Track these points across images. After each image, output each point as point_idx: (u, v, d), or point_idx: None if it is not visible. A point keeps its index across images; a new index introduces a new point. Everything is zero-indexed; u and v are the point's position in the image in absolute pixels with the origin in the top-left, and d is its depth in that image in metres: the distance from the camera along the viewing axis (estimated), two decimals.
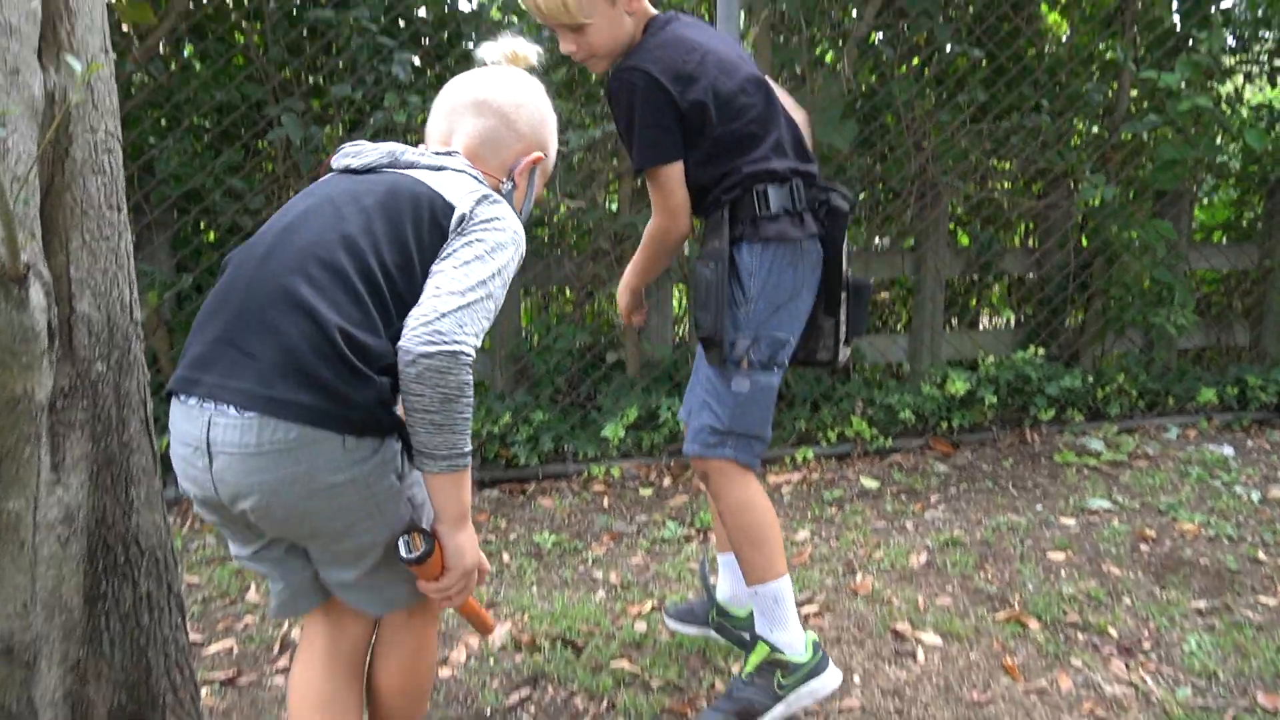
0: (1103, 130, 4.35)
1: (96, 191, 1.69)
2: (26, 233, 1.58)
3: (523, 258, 1.52)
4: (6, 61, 1.53)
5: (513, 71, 1.71)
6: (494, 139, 1.63)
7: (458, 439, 1.37)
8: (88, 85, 1.65)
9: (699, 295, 1.96)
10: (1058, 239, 4.33)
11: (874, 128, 4.02)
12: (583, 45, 1.97)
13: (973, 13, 4.03)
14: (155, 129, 3.38)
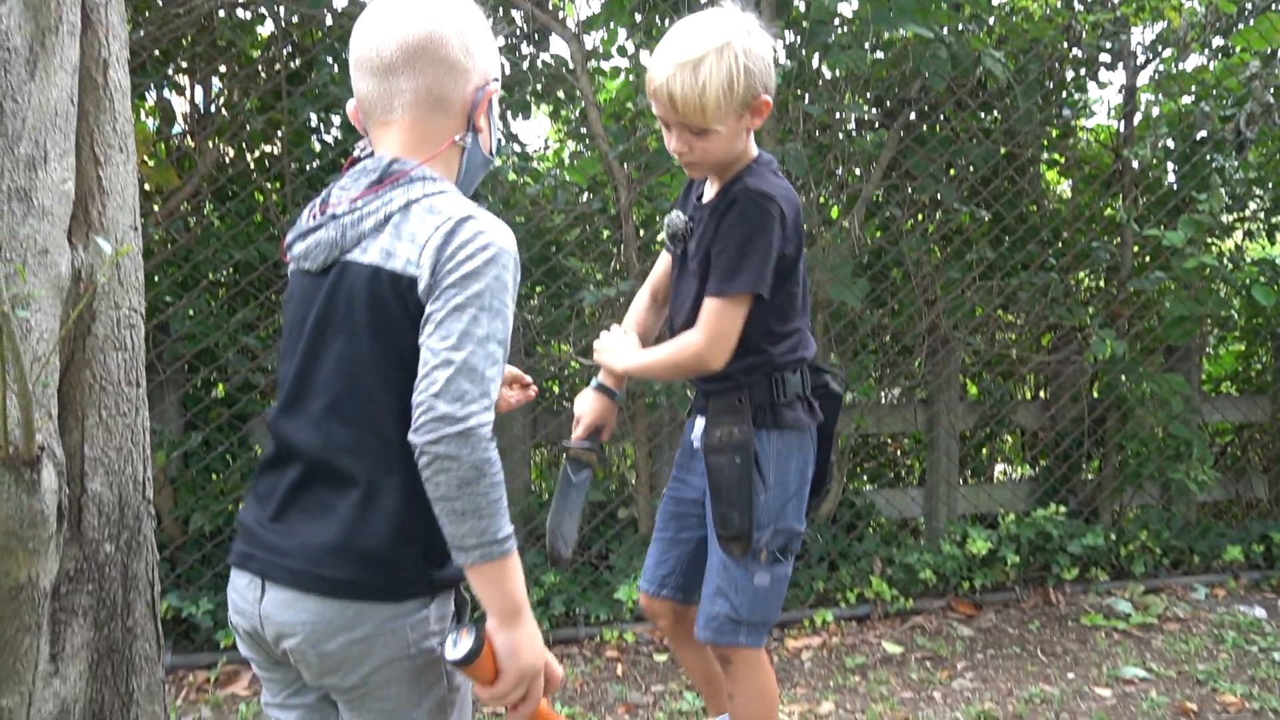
0: (1110, 286, 4.39)
1: (116, 368, 1.67)
2: (43, 412, 1.54)
3: (515, 259, 1.31)
4: (36, 242, 1.53)
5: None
6: (441, 93, 1.37)
7: (485, 524, 1.23)
8: (115, 264, 1.65)
9: (724, 492, 1.91)
10: (1070, 392, 4.31)
11: (885, 285, 4.06)
12: (698, 149, 1.85)
13: (976, 173, 4.12)
14: (173, 288, 3.40)
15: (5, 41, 1.50)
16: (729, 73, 1.76)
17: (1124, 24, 4.26)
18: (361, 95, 1.39)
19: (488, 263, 1.26)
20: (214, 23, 3.46)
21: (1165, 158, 4.36)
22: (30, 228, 1.52)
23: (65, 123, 1.58)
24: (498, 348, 1.26)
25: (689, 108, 1.78)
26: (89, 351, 1.64)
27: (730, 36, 1.78)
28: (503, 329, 1.28)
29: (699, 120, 1.79)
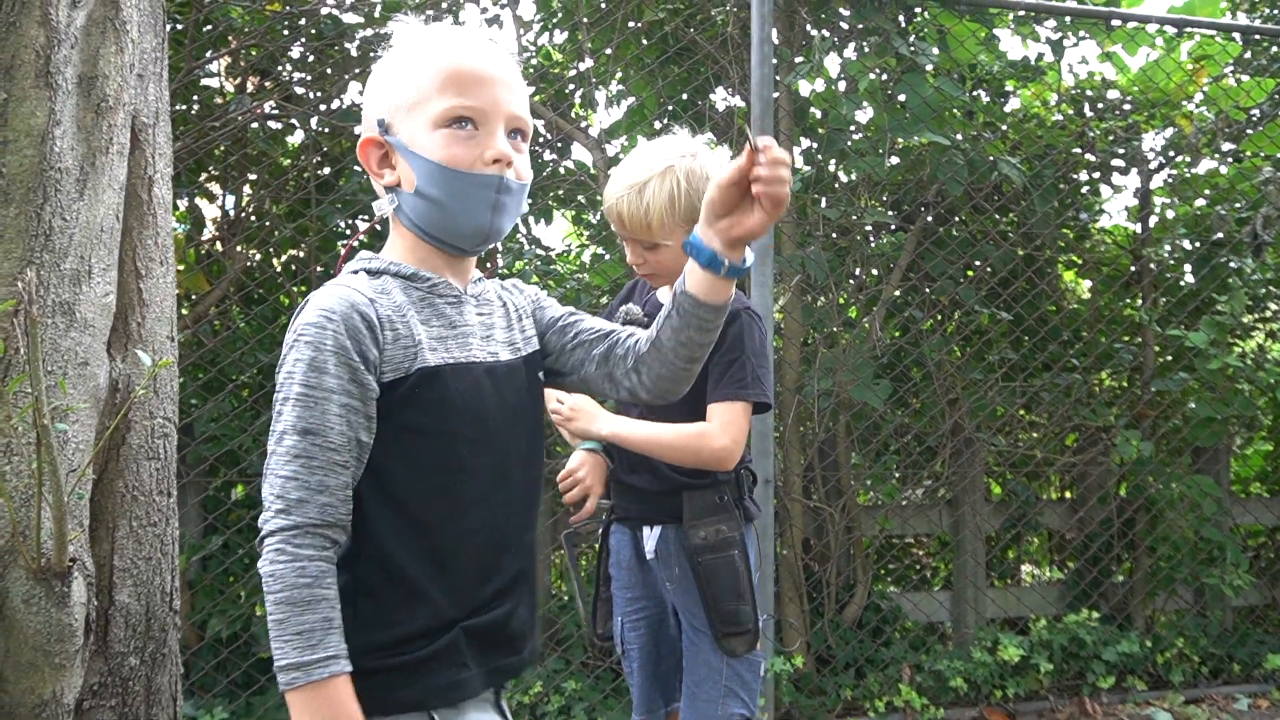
0: (1133, 386, 4.37)
1: (149, 478, 1.67)
2: (76, 523, 1.54)
3: (324, 325, 1.18)
4: (77, 354, 1.55)
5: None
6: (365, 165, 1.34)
7: (275, 646, 1.12)
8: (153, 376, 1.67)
9: (727, 591, 1.92)
10: (1097, 494, 4.26)
11: (907, 386, 4.06)
12: (651, 262, 2.00)
13: (995, 275, 4.15)
14: (198, 391, 3.43)
15: (58, 162, 1.55)
16: (670, 194, 1.93)
17: (1136, 130, 4.34)
18: None
19: (291, 345, 1.20)
20: (247, 134, 3.57)
21: (1184, 259, 4.39)
22: (72, 340, 1.55)
23: (110, 238, 1.62)
24: (297, 440, 1.15)
25: (635, 225, 1.94)
26: (123, 461, 1.64)
27: (673, 161, 1.95)
28: (304, 416, 1.16)
29: (646, 236, 1.95)
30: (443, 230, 1.28)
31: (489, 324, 1.35)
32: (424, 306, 1.27)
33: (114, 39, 1.65)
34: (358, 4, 3.79)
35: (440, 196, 1.25)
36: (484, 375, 1.29)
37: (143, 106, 1.73)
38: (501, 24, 4.14)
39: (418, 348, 1.23)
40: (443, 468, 1.25)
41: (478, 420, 1.28)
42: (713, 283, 1.27)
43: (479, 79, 1.26)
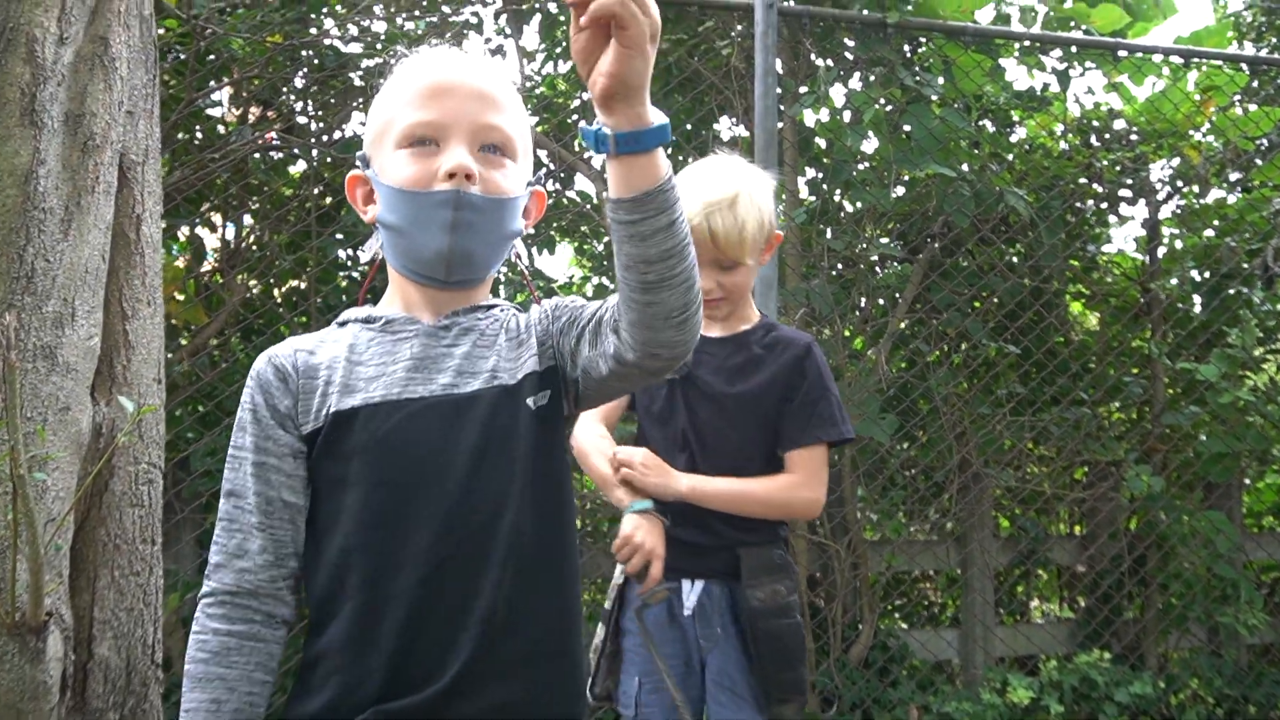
0: (1143, 420, 4.31)
1: (131, 526, 1.62)
2: (54, 575, 1.49)
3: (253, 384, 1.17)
4: (59, 400, 1.51)
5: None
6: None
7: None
8: (137, 422, 1.62)
9: (788, 655, 1.81)
10: (1107, 530, 4.18)
11: (914, 421, 4.00)
12: (727, 285, 1.87)
13: (1002, 308, 4.10)
14: (195, 425, 3.39)
15: (42, 202, 1.51)
16: (759, 209, 1.86)
17: (1143, 161, 4.30)
18: None
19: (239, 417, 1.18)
20: (248, 164, 3.54)
21: (1193, 290, 4.34)
22: (54, 385, 1.50)
23: (95, 280, 1.58)
24: (222, 502, 1.14)
25: (730, 243, 1.82)
26: (105, 509, 1.60)
27: (752, 177, 1.90)
28: (229, 478, 1.14)
29: (738, 255, 1.83)
30: (408, 259, 1.19)
31: (454, 354, 1.19)
32: (371, 346, 1.19)
33: (102, 76, 1.62)
34: (360, 35, 3.78)
35: (398, 221, 1.16)
36: (423, 412, 1.14)
37: (132, 144, 1.69)
38: (505, 54, 4.13)
39: (337, 392, 1.15)
40: (371, 521, 1.12)
41: (408, 464, 1.13)
42: (615, 168, 1.01)
43: (439, 91, 1.17)
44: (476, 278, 1.23)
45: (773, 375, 1.89)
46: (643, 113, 0.99)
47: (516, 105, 1.23)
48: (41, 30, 1.54)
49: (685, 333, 1.08)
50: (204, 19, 3.18)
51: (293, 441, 1.14)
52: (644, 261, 1.03)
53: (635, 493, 1.81)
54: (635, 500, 1.81)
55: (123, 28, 1.66)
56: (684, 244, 1.04)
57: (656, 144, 1.00)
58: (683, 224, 1.04)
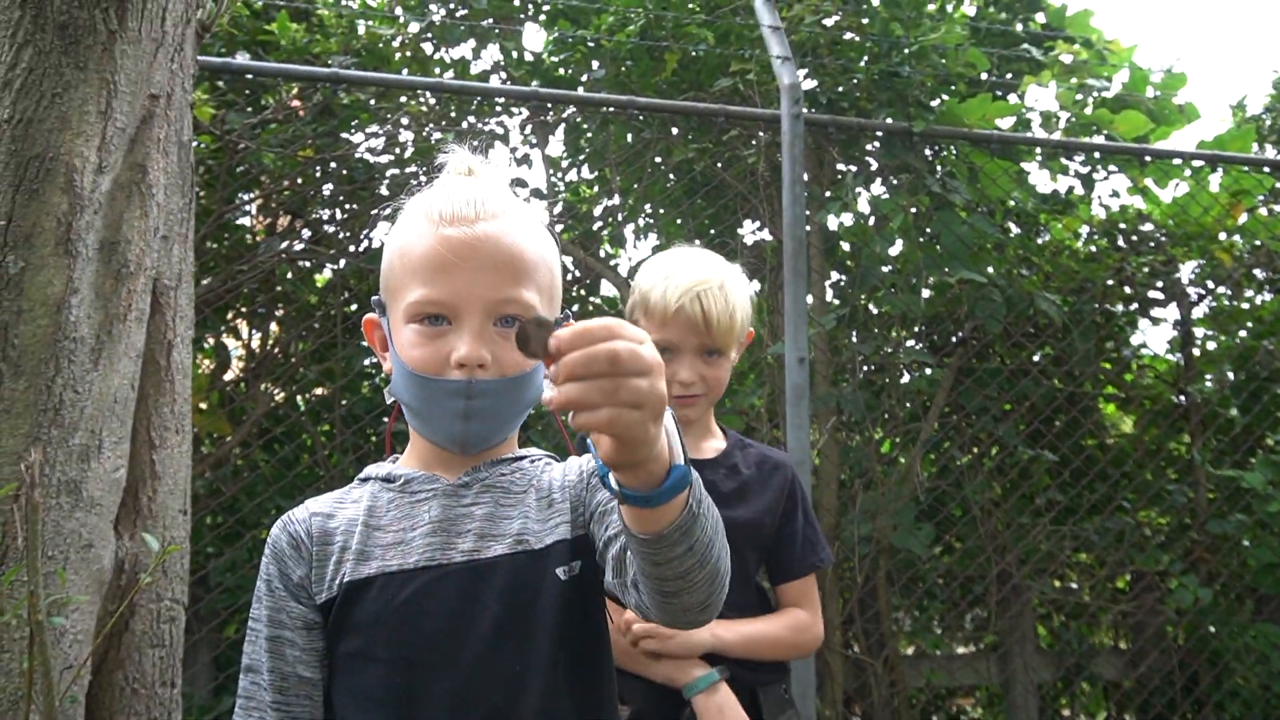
0: (1189, 530, 4.17)
1: (151, 668, 1.54)
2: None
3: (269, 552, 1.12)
4: (81, 536, 1.45)
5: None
6: None
7: None
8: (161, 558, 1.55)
9: None
10: (1158, 645, 4.01)
11: (951, 531, 3.88)
12: (709, 379, 1.75)
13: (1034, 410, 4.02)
14: (215, 540, 3.31)
15: (73, 332, 1.48)
16: (743, 298, 1.78)
17: (1173, 263, 4.27)
18: None
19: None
20: (275, 273, 3.55)
21: (1231, 394, 4.25)
22: (76, 522, 1.45)
23: (123, 409, 1.54)
24: (241, 677, 1.10)
25: (722, 327, 1.72)
26: (124, 651, 1.52)
27: (728, 267, 1.81)
28: (247, 652, 1.10)
29: (727, 341, 1.74)
30: (423, 432, 1.15)
31: (475, 514, 1.13)
32: (390, 508, 1.13)
33: (139, 203, 1.60)
34: (387, 146, 3.83)
35: (410, 401, 1.12)
36: (440, 581, 1.08)
37: (165, 269, 1.67)
38: (531, 163, 4.16)
39: (351, 560, 1.09)
40: (385, 696, 1.06)
41: (422, 639, 1.07)
42: (626, 511, 0.93)
43: (447, 264, 1.08)
44: (496, 444, 1.18)
45: (770, 501, 1.80)
46: (654, 471, 0.86)
47: (538, 249, 1.14)
48: (81, 160, 1.53)
49: (706, 617, 1.00)
50: (237, 135, 3.21)
51: (306, 613, 1.09)
52: (660, 579, 0.95)
53: (671, 666, 1.63)
54: (696, 675, 1.61)
55: (161, 154, 1.65)
56: (704, 557, 0.93)
57: (669, 499, 0.88)
58: (703, 540, 0.93)
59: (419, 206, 1.14)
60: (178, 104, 1.70)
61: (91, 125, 1.54)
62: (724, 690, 1.62)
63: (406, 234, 1.14)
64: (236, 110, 3.39)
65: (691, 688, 1.61)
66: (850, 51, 3.88)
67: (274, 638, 1.08)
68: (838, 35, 3.88)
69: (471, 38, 4.07)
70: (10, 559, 1.38)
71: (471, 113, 3.93)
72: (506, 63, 4.15)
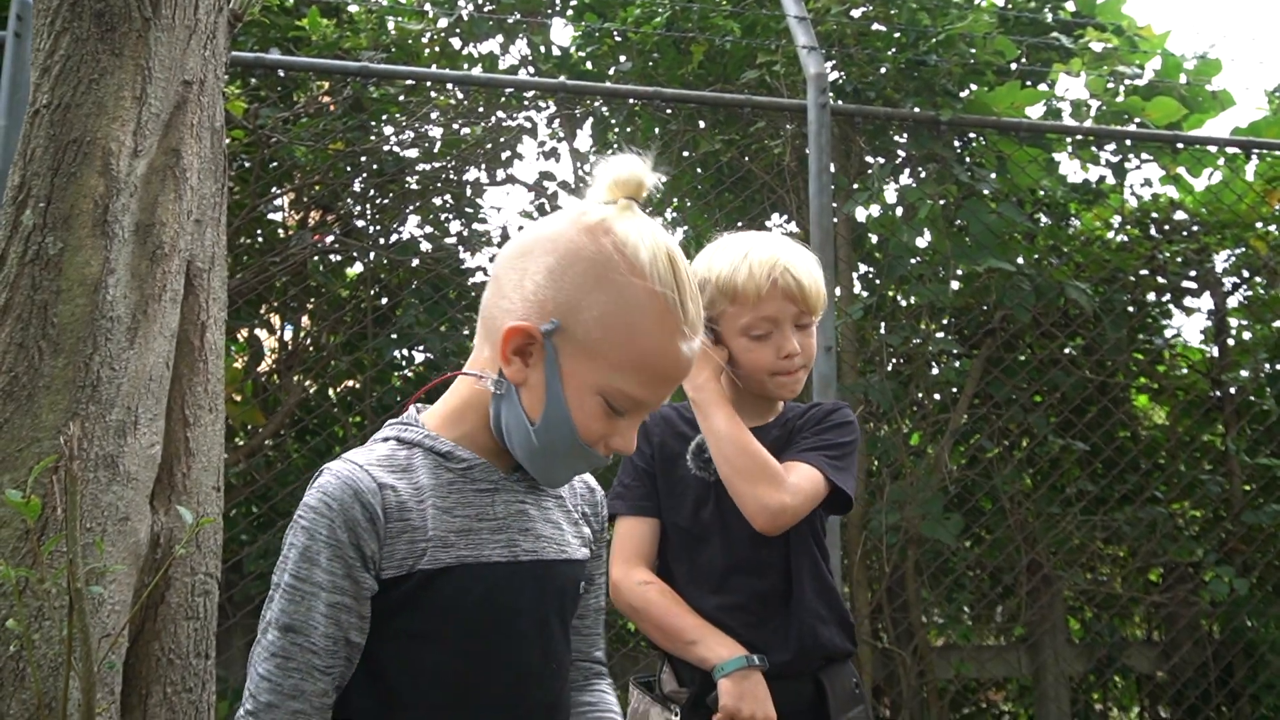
0: (1225, 520, 4.12)
1: (186, 639, 1.58)
2: (106, 692, 1.45)
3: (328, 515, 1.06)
4: (118, 509, 1.49)
5: (574, 210, 1.14)
6: (487, 310, 1.15)
7: None
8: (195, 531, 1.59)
9: None
10: (1191, 636, 3.97)
11: (980, 521, 3.87)
12: (806, 349, 1.69)
13: (1065, 401, 3.99)
14: (250, 527, 3.37)
15: (110, 311, 1.52)
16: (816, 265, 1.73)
17: (1206, 252, 4.22)
18: None
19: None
20: (307, 266, 3.60)
21: (1267, 384, 4.20)
22: (114, 495, 1.48)
23: (159, 387, 1.58)
24: (277, 636, 1.05)
25: (814, 293, 1.66)
26: (160, 622, 1.56)
27: (789, 240, 1.76)
28: (288, 610, 1.06)
29: (817, 306, 1.67)
30: (518, 451, 1.13)
31: (532, 515, 1.17)
32: (452, 491, 1.12)
33: (173, 187, 1.64)
34: (416, 140, 3.87)
35: (546, 447, 1.10)
36: (510, 576, 1.12)
37: (199, 252, 1.70)
38: (559, 157, 4.19)
39: (427, 544, 1.09)
40: (445, 679, 1.10)
41: (493, 629, 1.11)
42: None
43: (670, 381, 1.12)
44: None
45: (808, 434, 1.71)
46: None
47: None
48: (117, 144, 1.57)
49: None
50: (269, 129, 3.27)
51: (372, 585, 1.08)
52: None
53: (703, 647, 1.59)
54: (726, 657, 1.56)
55: (194, 140, 1.69)
56: None
57: None
58: None
59: (664, 286, 1.08)
60: (210, 91, 1.74)
61: (127, 110, 1.58)
62: (754, 678, 1.56)
63: (644, 310, 1.08)
64: (269, 105, 3.44)
65: (720, 669, 1.56)
66: (877, 41, 3.88)
67: (335, 604, 1.06)
68: (864, 25, 3.88)
69: (499, 33, 4.10)
70: (50, 530, 1.42)
71: (500, 107, 3.96)
72: (534, 57, 4.19)
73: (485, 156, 3.94)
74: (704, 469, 1.70)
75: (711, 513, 1.68)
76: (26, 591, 1.37)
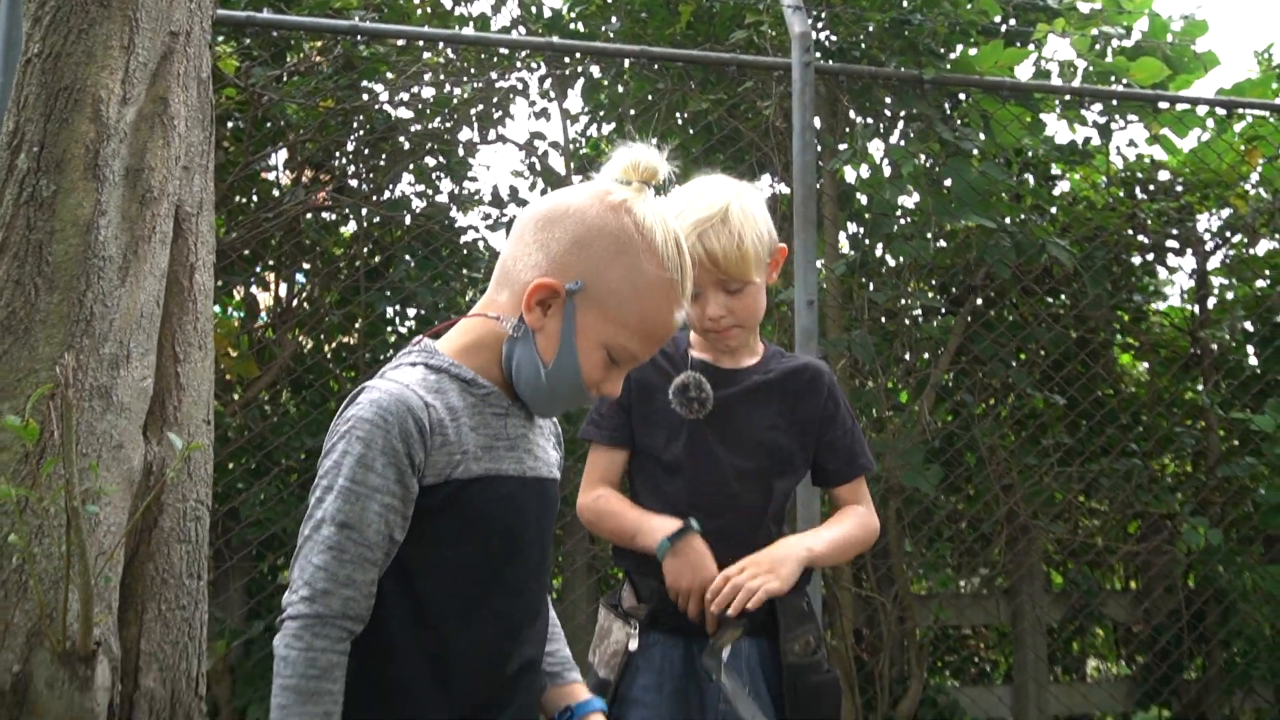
0: (1198, 471, 4.22)
1: (179, 561, 1.67)
2: (104, 606, 1.55)
3: (385, 425, 1.19)
4: (113, 437, 1.58)
5: (599, 187, 1.31)
6: (507, 263, 1.31)
7: None
8: (185, 459, 1.68)
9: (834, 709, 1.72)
10: (1164, 584, 4.08)
11: (959, 471, 3.96)
12: (738, 310, 1.73)
13: (1047, 358, 4.07)
14: (245, 475, 3.47)
15: (102, 251, 1.60)
16: (754, 220, 1.74)
17: (1189, 211, 4.27)
18: None
19: (342, 435, 1.22)
20: (300, 224, 3.67)
21: (1245, 340, 4.27)
22: (108, 424, 1.57)
23: (150, 324, 1.66)
24: (333, 531, 1.18)
25: (730, 260, 1.68)
26: (154, 545, 1.65)
27: (739, 188, 1.78)
28: (344, 509, 1.18)
29: (742, 272, 1.69)
30: (524, 386, 1.30)
31: (531, 438, 1.34)
32: (475, 413, 1.28)
33: (161, 134, 1.72)
34: (412, 99, 3.93)
35: (552, 387, 1.27)
36: (521, 489, 1.30)
37: (187, 197, 1.78)
38: (550, 117, 4.25)
39: (463, 456, 1.24)
40: (467, 578, 1.26)
41: (510, 535, 1.29)
42: None
43: (661, 341, 1.32)
44: None
45: (812, 408, 1.81)
46: None
47: None
48: (106, 91, 1.64)
49: None
50: (260, 86, 3.33)
51: (416, 491, 1.22)
52: None
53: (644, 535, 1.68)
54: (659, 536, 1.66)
55: (181, 89, 1.76)
56: None
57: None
58: None
59: (671, 263, 1.27)
60: (196, 42, 1.82)
61: (115, 59, 1.66)
62: (689, 545, 1.65)
63: (653, 284, 1.26)
64: (261, 64, 3.50)
65: (660, 551, 1.66)
66: (863, 1, 3.92)
67: (388, 505, 1.19)
68: None
69: None
70: (48, 454, 1.51)
71: (492, 68, 4.02)
72: (525, 17, 4.23)
73: (477, 116, 3.99)
74: (685, 406, 1.76)
75: (683, 448, 1.76)
76: (27, 510, 1.46)
